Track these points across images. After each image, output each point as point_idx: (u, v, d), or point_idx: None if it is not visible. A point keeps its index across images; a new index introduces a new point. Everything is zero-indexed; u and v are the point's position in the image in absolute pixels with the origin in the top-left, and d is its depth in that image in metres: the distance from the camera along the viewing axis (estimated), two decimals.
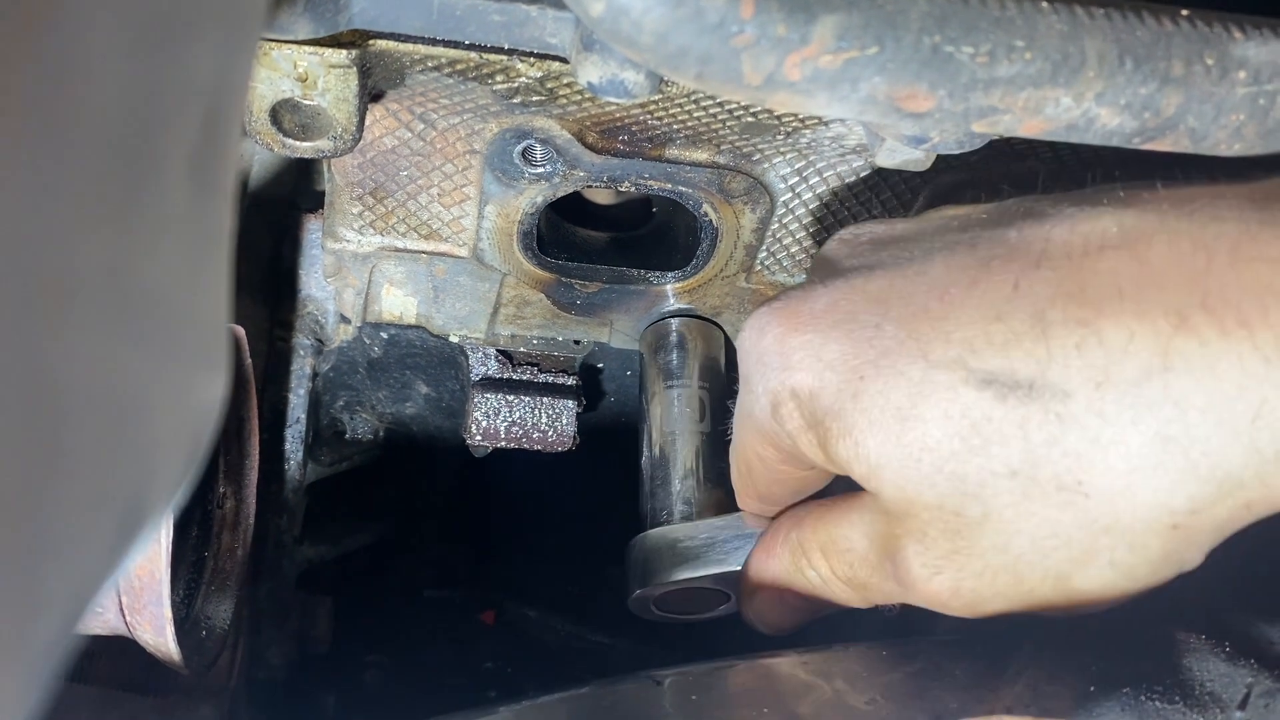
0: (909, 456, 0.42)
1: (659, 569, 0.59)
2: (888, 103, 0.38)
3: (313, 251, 0.68)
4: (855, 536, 0.48)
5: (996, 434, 0.40)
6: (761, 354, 0.46)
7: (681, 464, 0.63)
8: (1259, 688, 0.46)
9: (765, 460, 0.50)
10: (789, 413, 0.45)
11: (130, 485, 0.25)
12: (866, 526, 0.47)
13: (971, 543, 0.42)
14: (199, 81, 0.25)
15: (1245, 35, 0.40)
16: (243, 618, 0.67)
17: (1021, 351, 0.40)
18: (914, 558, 0.44)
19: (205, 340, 0.28)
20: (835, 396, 0.43)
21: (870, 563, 0.48)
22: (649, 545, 0.60)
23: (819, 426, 0.44)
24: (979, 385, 0.40)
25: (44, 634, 0.23)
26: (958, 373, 0.41)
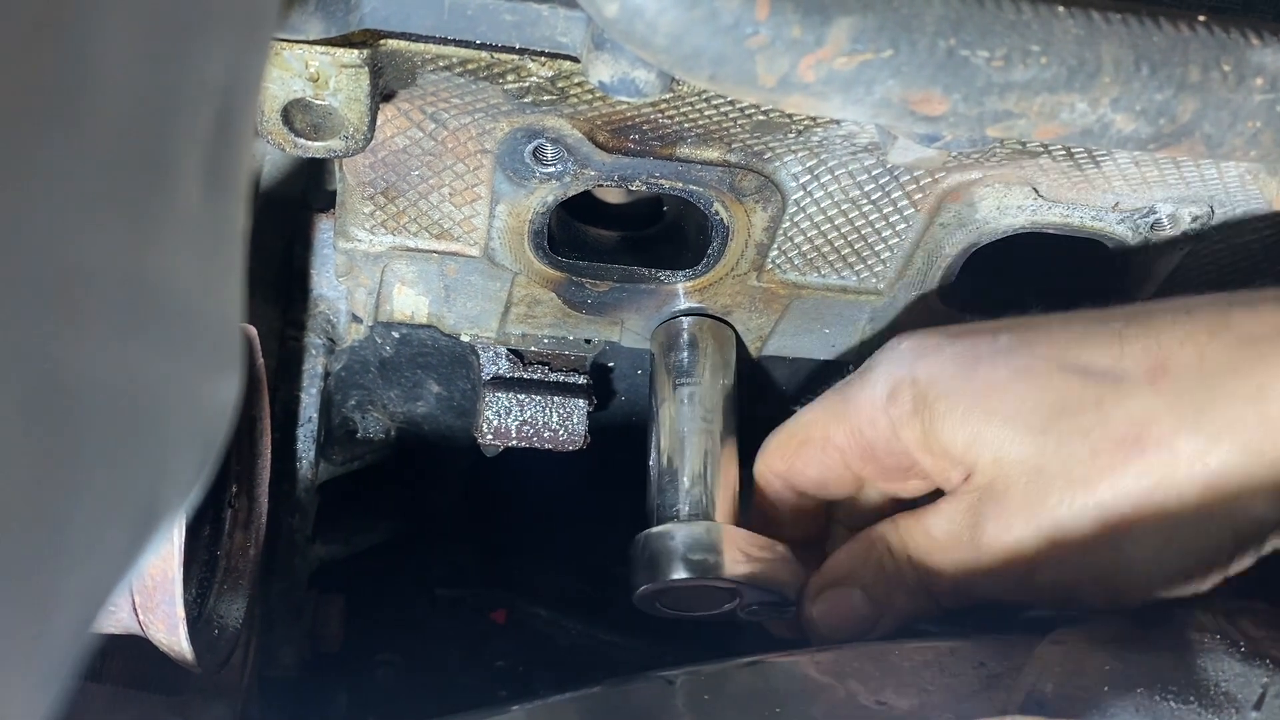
0: (1005, 422, 0.52)
1: (666, 565, 0.59)
2: (902, 106, 0.38)
3: (324, 251, 0.68)
4: (938, 522, 0.55)
5: (1077, 403, 0.52)
6: (895, 349, 0.57)
7: (690, 464, 0.63)
8: (1274, 688, 0.45)
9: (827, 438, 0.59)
10: (905, 397, 0.55)
11: (145, 485, 0.25)
12: (950, 511, 0.55)
13: (1044, 495, 0.51)
14: (212, 82, 0.25)
15: (1263, 41, 0.40)
16: (255, 616, 0.67)
17: (1102, 349, 0.53)
18: (992, 518, 0.53)
19: (219, 340, 0.28)
20: (950, 381, 0.54)
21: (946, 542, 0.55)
22: (656, 541, 0.60)
23: (929, 410, 0.54)
24: (1067, 372, 0.52)
25: (60, 633, 0.23)
26: (1053, 363, 0.53)
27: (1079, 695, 0.46)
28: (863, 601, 0.58)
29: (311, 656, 0.75)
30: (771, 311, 0.66)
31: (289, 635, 0.72)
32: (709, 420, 0.64)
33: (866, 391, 0.57)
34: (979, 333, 0.56)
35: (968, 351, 0.55)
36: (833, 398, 0.60)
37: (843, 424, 0.58)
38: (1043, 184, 0.58)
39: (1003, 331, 0.55)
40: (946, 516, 0.55)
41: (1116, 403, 0.51)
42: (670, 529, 0.60)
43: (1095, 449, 0.51)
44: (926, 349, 0.56)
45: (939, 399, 0.54)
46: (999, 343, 0.55)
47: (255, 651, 0.67)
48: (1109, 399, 0.51)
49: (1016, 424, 0.52)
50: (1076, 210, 0.59)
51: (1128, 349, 0.52)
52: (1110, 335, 0.53)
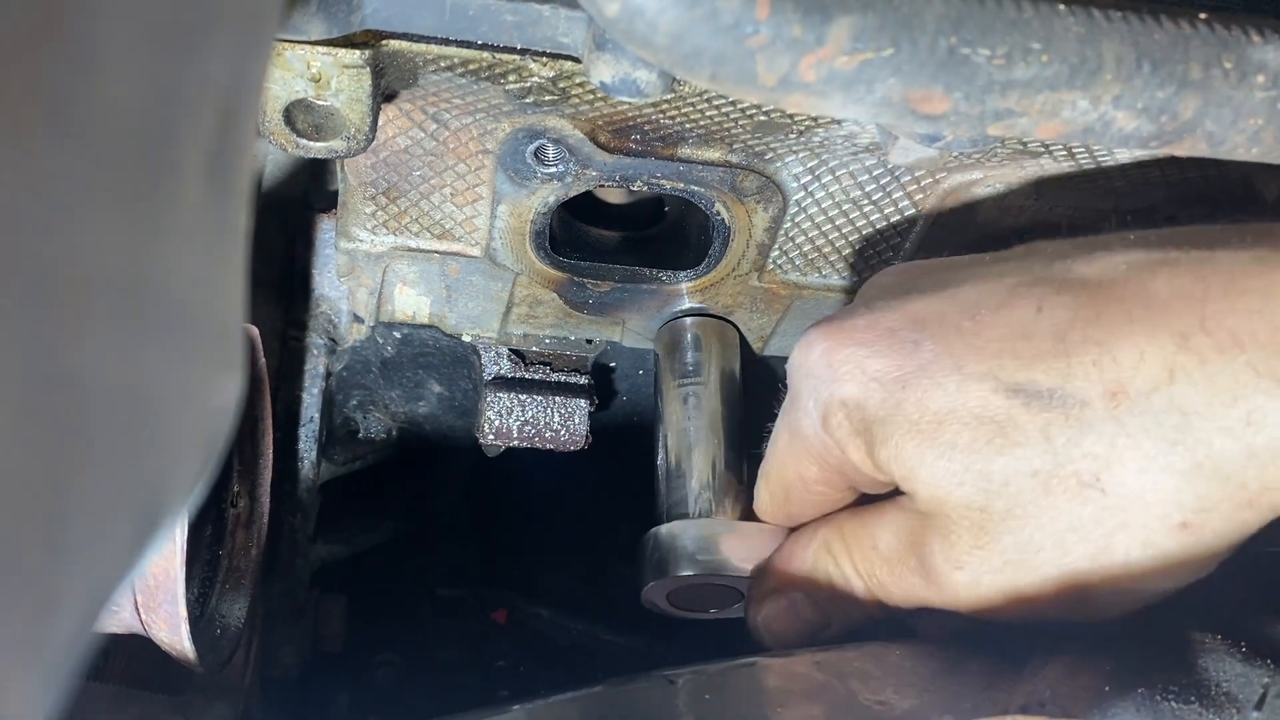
0: (941, 456, 0.46)
1: (674, 562, 0.59)
2: (903, 105, 0.38)
3: (326, 251, 0.68)
4: (884, 535, 0.51)
5: (1021, 436, 0.45)
6: (810, 368, 0.51)
7: (698, 463, 0.63)
8: (1275, 688, 0.45)
9: (805, 480, 0.54)
10: (839, 422, 0.50)
11: (148, 485, 0.25)
12: (896, 526, 0.51)
13: (994, 538, 0.46)
14: (214, 82, 0.25)
15: (1264, 39, 0.40)
16: (257, 616, 0.67)
17: (1045, 366, 0.45)
18: (938, 552, 0.48)
19: (221, 340, 0.28)
20: (880, 405, 0.48)
21: (893, 560, 0.51)
22: (664, 538, 0.60)
23: (866, 433, 0.49)
24: (1007, 393, 0.45)
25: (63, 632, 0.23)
26: (988, 383, 0.46)
27: (1080, 695, 0.46)
28: (808, 607, 0.55)
29: (313, 656, 0.75)
30: (773, 312, 0.66)
31: (290, 635, 0.72)
32: (715, 419, 0.64)
33: (805, 420, 0.52)
34: (894, 335, 0.48)
35: (891, 368, 0.48)
36: (785, 435, 0.54)
37: (808, 460, 0.53)
38: (1043, 184, 0.58)
39: (923, 338, 0.48)
40: (893, 532, 0.51)
41: (1069, 436, 0.44)
42: (679, 526, 0.60)
43: (1048, 490, 0.45)
44: (840, 363, 0.49)
45: (872, 424, 0.48)
46: (922, 355, 0.47)
47: (257, 651, 0.67)
48: (1058, 430, 0.44)
49: (954, 459, 0.46)
50: (1077, 211, 0.59)
51: (1075, 364, 0.44)
52: (1051, 342, 0.45)
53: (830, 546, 0.54)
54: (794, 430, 0.53)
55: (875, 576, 0.52)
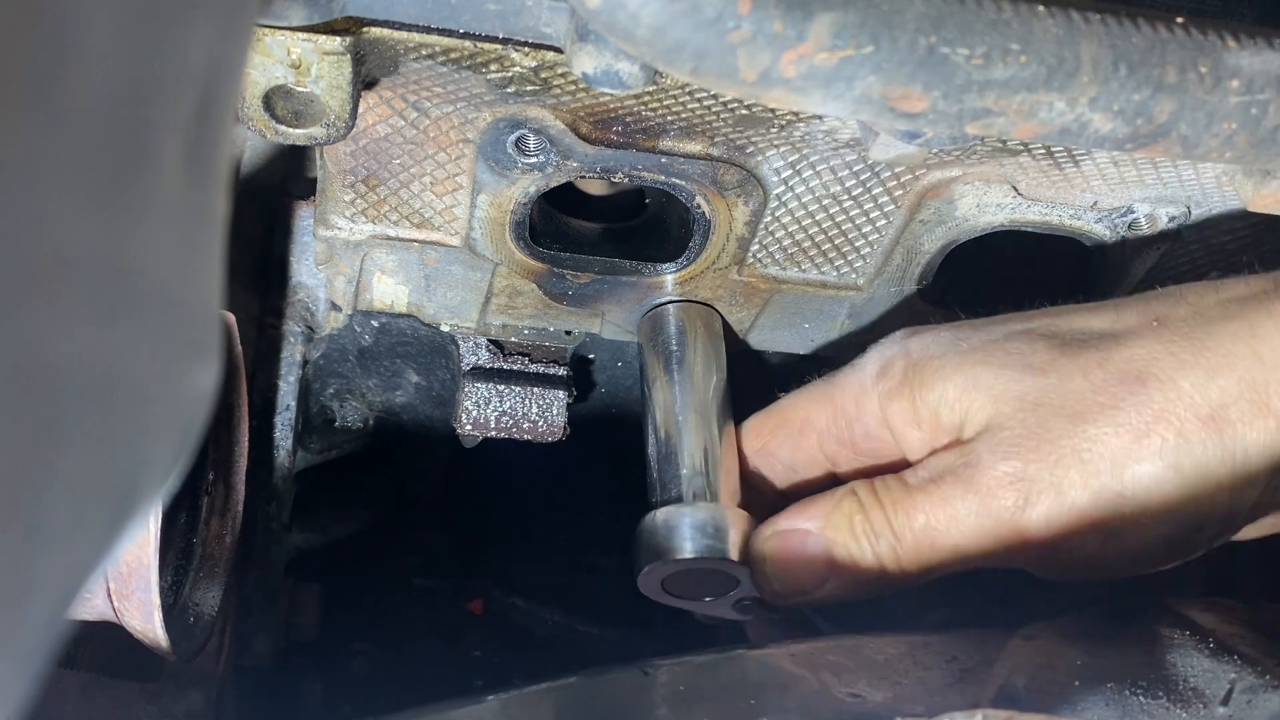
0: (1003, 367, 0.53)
1: (673, 546, 0.58)
2: (882, 102, 0.38)
3: (304, 239, 0.67)
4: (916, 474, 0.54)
5: (1077, 349, 0.53)
6: (890, 337, 0.58)
7: (689, 449, 0.63)
8: (1242, 684, 0.46)
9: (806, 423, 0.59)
10: (895, 369, 0.56)
11: (122, 472, 0.25)
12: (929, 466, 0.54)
13: (1046, 428, 0.51)
14: (193, 68, 0.25)
15: (1239, 44, 0.40)
16: (231, 604, 0.67)
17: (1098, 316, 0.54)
18: (986, 453, 0.52)
19: (198, 327, 0.28)
20: (943, 348, 0.55)
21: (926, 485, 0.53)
22: (662, 522, 0.59)
23: (919, 375, 0.55)
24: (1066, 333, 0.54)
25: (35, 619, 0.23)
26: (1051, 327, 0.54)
27: (1050, 689, 0.46)
28: (817, 547, 0.55)
29: (287, 645, 0.74)
30: (752, 305, 0.66)
31: (265, 623, 0.72)
32: (704, 403, 0.64)
33: (855, 373, 0.58)
34: (967, 324, 0.57)
35: (961, 326, 0.56)
36: (818, 383, 0.60)
37: (826, 406, 0.58)
38: (1022, 182, 0.59)
39: (989, 325, 0.56)
40: (928, 466, 0.54)
41: (1116, 348, 0.52)
42: (677, 510, 0.59)
43: (1096, 386, 0.51)
44: (919, 330, 0.57)
45: (930, 361, 0.55)
46: (993, 320, 0.56)
47: (230, 639, 0.67)
48: (1109, 345, 0.52)
49: (1013, 366, 0.53)
50: (1055, 209, 0.60)
51: (1123, 313, 0.54)
52: (1105, 306, 0.55)
53: (857, 488, 0.56)
54: (833, 380, 0.59)
55: (901, 505, 0.54)
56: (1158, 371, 0.51)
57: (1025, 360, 0.53)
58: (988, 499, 0.51)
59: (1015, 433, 0.51)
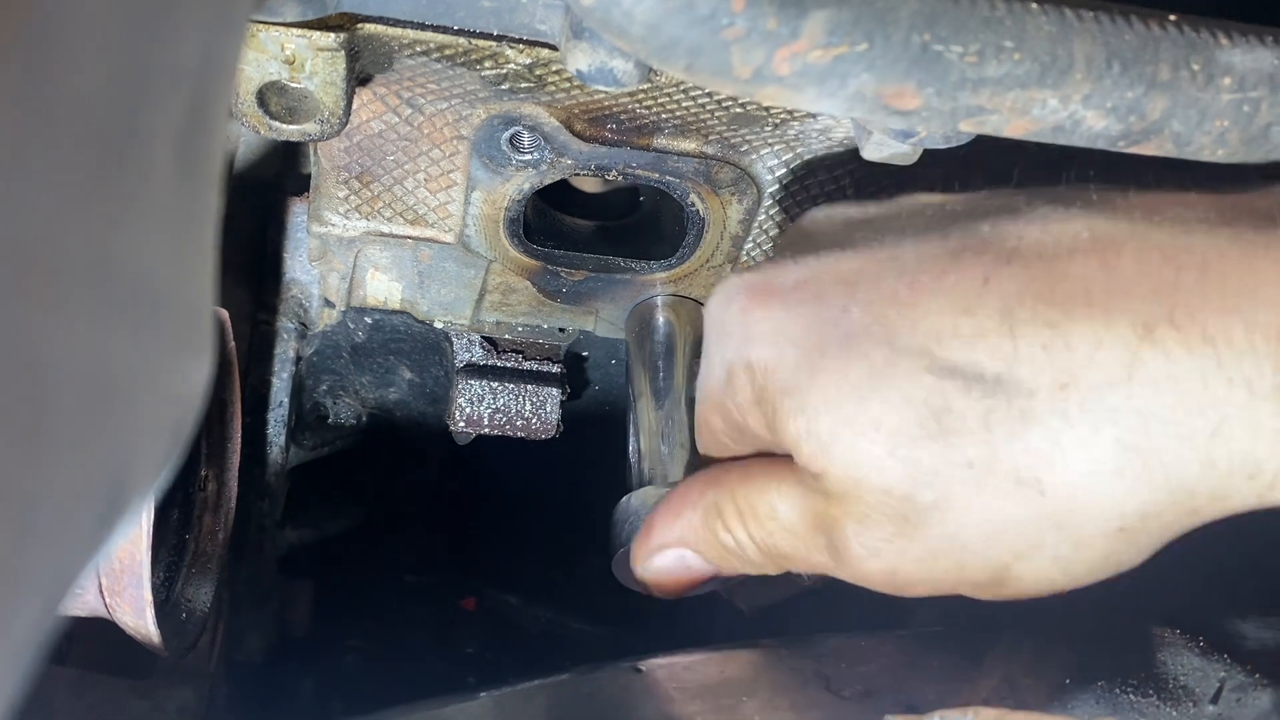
0: (862, 438, 0.41)
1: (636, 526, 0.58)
2: (876, 100, 0.38)
3: (298, 235, 0.67)
4: (782, 506, 0.46)
5: (958, 423, 0.40)
6: (725, 324, 0.46)
7: (670, 443, 0.63)
8: (1231, 682, 0.46)
9: (713, 429, 0.49)
10: (741, 385, 0.45)
11: (114, 468, 0.25)
12: (797, 499, 0.45)
13: (916, 530, 0.42)
14: (186, 64, 0.25)
15: (1232, 42, 0.40)
16: (223, 600, 0.67)
17: (988, 346, 0.40)
18: (853, 538, 0.43)
19: (190, 324, 0.27)
20: (792, 373, 0.43)
21: (796, 534, 0.46)
22: (634, 505, 0.59)
23: (769, 403, 0.44)
24: (943, 374, 0.40)
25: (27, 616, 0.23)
26: (922, 360, 0.41)
27: (1041, 688, 0.46)
28: (699, 562, 0.50)
29: (279, 641, 0.74)
30: None
31: (257, 620, 0.72)
32: (687, 394, 0.64)
33: (710, 377, 0.48)
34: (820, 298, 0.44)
35: (811, 331, 0.43)
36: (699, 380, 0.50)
37: (714, 411, 0.48)
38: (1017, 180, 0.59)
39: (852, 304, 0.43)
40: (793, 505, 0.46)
41: (1010, 429, 0.40)
42: (648, 493, 0.58)
43: (981, 485, 0.40)
44: (755, 322, 0.45)
45: (780, 394, 0.44)
46: (850, 321, 0.42)
47: (223, 636, 0.67)
48: (999, 420, 0.40)
49: (876, 441, 0.41)
50: None
51: (1023, 347, 0.40)
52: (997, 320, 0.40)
53: (721, 510, 0.48)
54: (702, 380, 0.49)
55: (776, 547, 0.47)
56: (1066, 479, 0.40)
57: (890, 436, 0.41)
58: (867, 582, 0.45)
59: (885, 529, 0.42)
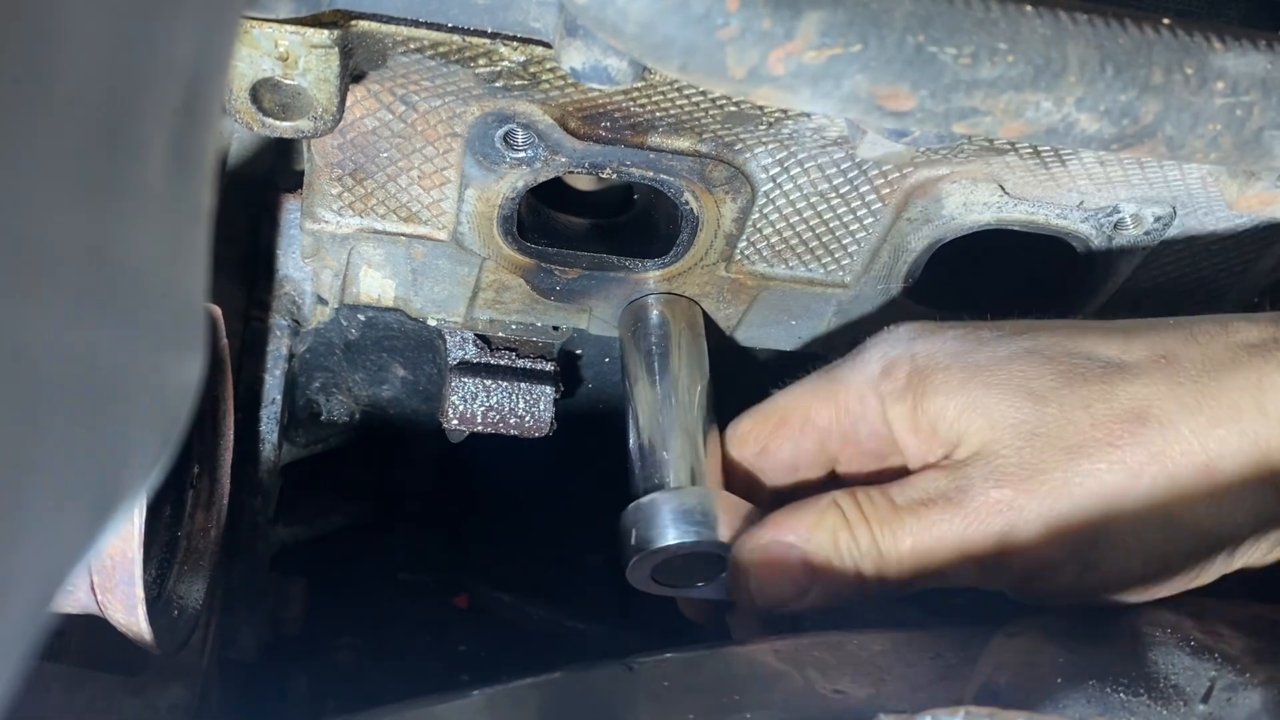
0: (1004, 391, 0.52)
1: (660, 532, 0.58)
2: (869, 100, 0.38)
3: (291, 232, 0.67)
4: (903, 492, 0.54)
5: (1081, 379, 0.52)
6: (894, 334, 0.58)
7: (672, 439, 0.62)
8: (1222, 681, 0.46)
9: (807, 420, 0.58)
10: (900, 372, 0.55)
11: (105, 465, 0.25)
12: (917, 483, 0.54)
13: (1042, 459, 0.51)
14: (179, 59, 0.25)
15: (1225, 46, 0.40)
16: (215, 598, 0.67)
17: (1108, 341, 0.54)
18: (978, 477, 0.52)
19: (183, 320, 0.27)
20: (949, 358, 0.54)
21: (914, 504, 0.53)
22: (646, 510, 0.59)
23: (922, 384, 0.54)
24: (1074, 355, 0.53)
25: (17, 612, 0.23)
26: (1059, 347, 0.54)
27: (1032, 686, 0.46)
28: (800, 562, 0.55)
29: (272, 639, 0.74)
30: (739, 302, 0.66)
31: (250, 617, 0.72)
32: (686, 395, 0.64)
33: (858, 370, 0.57)
34: (980, 323, 0.57)
35: (969, 334, 0.55)
36: (818, 378, 0.59)
37: (828, 403, 0.58)
38: (1009, 181, 0.59)
39: (1005, 323, 0.56)
40: (917, 486, 0.54)
41: (1121, 383, 0.51)
42: (659, 496, 0.59)
43: (1096, 421, 0.51)
44: (925, 331, 0.56)
45: (935, 372, 0.54)
46: (1002, 329, 0.55)
47: (215, 633, 0.67)
48: (1114, 378, 0.52)
49: (1015, 392, 0.52)
50: (1041, 208, 0.60)
51: (1133, 342, 0.53)
52: (1116, 330, 0.54)
53: (841, 502, 0.55)
54: (834, 376, 0.58)
55: (887, 525, 0.53)
56: (1159, 413, 0.50)
57: (1028, 386, 0.52)
58: (975, 524, 0.51)
59: (1010, 460, 0.51)
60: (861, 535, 0.54)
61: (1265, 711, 0.45)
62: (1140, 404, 0.51)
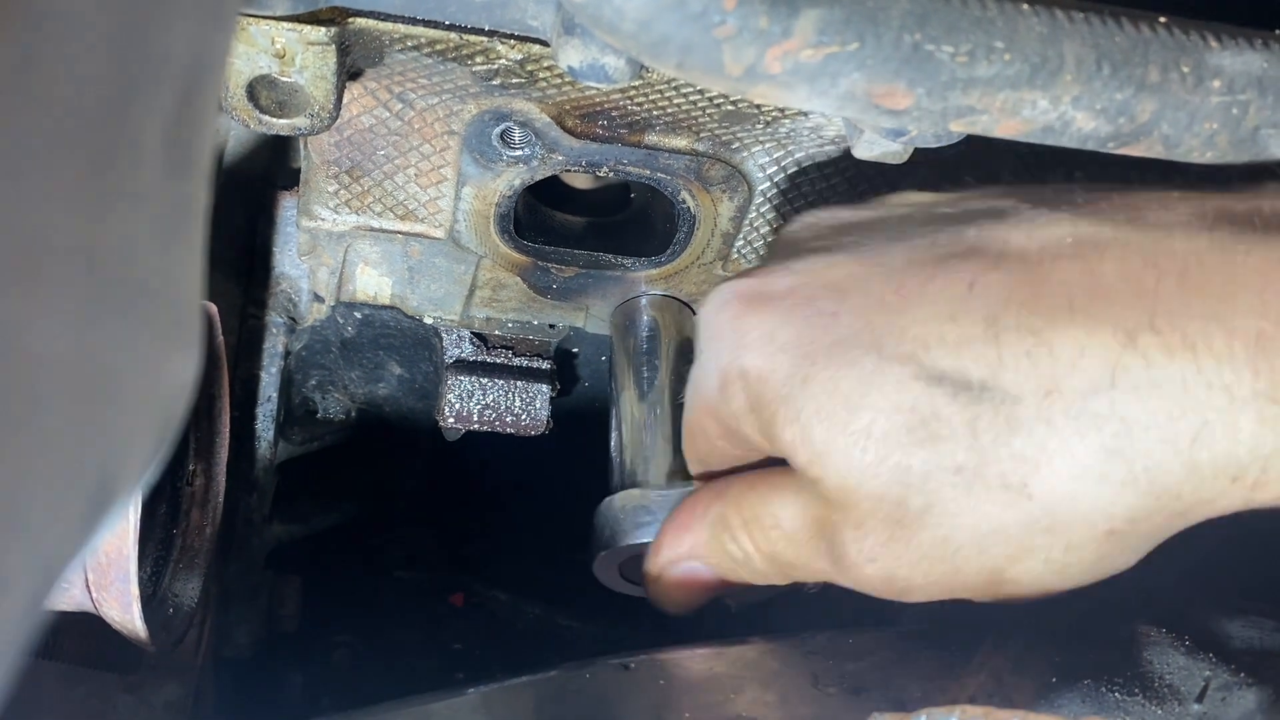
0: (854, 445, 0.42)
1: (622, 532, 0.58)
2: (866, 99, 0.38)
3: (287, 229, 0.67)
4: (785, 515, 0.47)
5: (945, 430, 0.41)
6: (718, 329, 0.47)
7: (653, 441, 0.63)
8: (1216, 681, 0.46)
9: (707, 433, 0.50)
10: (735, 392, 0.46)
11: (100, 463, 0.25)
12: (799, 507, 0.47)
13: (911, 534, 0.43)
14: (175, 58, 0.25)
15: (1221, 44, 0.40)
16: (211, 596, 0.67)
17: (973, 353, 0.41)
18: (850, 544, 0.44)
19: (178, 318, 0.27)
20: (785, 381, 0.44)
21: (799, 542, 0.47)
22: (616, 507, 0.59)
23: (764, 410, 0.45)
24: (930, 381, 0.42)
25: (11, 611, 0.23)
26: (909, 367, 0.42)
27: (1027, 686, 0.46)
28: (709, 574, 0.52)
29: (267, 637, 0.74)
30: None
31: (245, 615, 0.72)
32: (670, 395, 0.64)
33: (703, 383, 0.48)
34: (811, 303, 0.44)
35: (803, 339, 0.44)
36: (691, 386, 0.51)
37: (708, 416, 0.49)
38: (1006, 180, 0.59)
39: (842, 310, 0.44)
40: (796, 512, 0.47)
41: (996, 434, 0.41)
42: (626, 496, 0.58)
43: (970, 490, 0.41)
44: (748, 329, 0.45)
45: (774, 402, 0.44)
46: (840, 327, 0.43)
47: (210, 631, 0.67)
48: (985, 427, 0.41)
49: (869, 449, 0.42)
50: None
51: (1007, 354, 0.41)
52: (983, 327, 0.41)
53: (727, 522, 0.50)
54: (695, 385, 0.50)
55: (779, 556, 0.48)
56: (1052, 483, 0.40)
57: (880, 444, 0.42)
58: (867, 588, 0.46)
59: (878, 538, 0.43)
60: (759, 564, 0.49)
61: (1260, 711, 0.45)
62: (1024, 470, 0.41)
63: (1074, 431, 0.40)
